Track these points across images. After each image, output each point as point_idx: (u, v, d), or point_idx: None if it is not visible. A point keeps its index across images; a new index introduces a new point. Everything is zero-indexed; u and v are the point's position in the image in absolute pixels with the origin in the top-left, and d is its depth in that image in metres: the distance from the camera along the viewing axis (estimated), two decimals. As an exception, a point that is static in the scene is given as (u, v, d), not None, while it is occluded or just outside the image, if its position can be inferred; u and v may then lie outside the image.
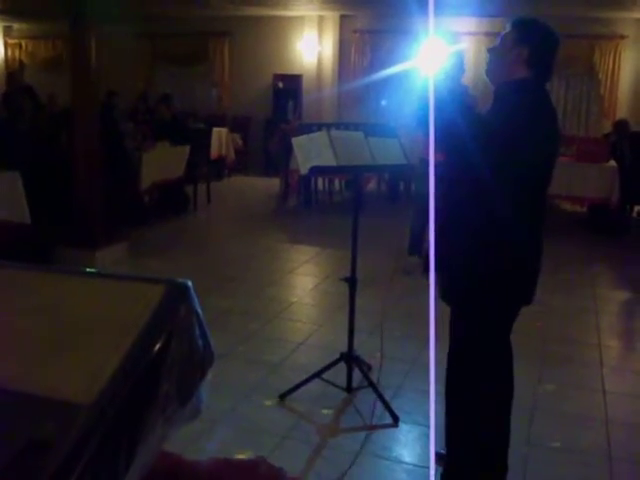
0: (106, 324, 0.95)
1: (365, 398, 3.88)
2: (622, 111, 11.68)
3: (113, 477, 0.84)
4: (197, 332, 1.00)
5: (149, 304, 0.94)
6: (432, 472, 2.75)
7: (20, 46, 15.62)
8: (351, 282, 3.91)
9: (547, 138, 2.67)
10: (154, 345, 0.90)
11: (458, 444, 2.91)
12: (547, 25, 2.77)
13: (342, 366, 3.96)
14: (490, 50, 2.81)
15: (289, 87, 13.21)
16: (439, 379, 2.95)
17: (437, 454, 3.27)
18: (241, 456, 3.10)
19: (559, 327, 5.19)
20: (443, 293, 2.83)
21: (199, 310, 0.98)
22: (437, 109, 1.95)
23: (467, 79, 2.79)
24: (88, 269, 1.08)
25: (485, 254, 2.68)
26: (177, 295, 0.97)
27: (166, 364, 0.91)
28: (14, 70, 14.57)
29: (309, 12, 12.69)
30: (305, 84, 13.17)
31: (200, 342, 1.00)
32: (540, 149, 2.60)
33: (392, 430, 3.61)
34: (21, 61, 15.65)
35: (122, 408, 0.85)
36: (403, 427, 3.60)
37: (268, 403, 3.87)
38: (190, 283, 0.97)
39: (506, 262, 2.67)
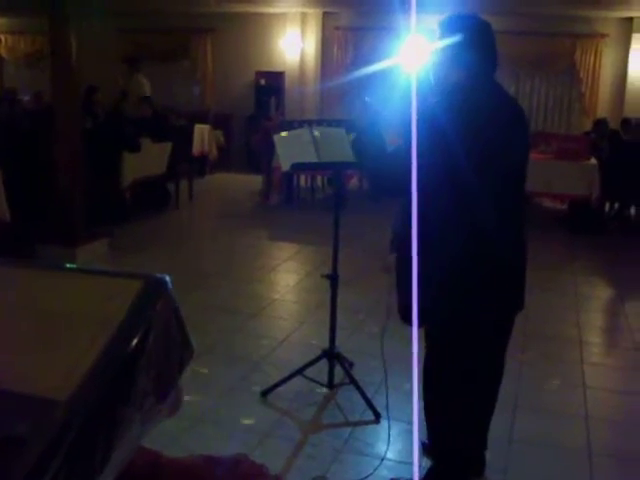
0: (82, 319, 0.94)
1: (347, 395, 3.89)
2: (603, 109, 11.77)
3: (89, 474, 0.82)
4: (175, 327, 0.98)
5: (126, 299, 0.93)
6: (416, 469, 2.75)
7: (0, 41, 15.47)
8: (333, 279, 3.91)
9: (510, 128, 2.58)
10: (131, 340, 0.88)
11: (438, 441, 2.91)
12: (472, 19, 2.69)
13: (324, 363, 3.96)
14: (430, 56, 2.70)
15: (271, 84, 13.18)
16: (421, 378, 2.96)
17: (424, 444, 3.28)
18: (222, 453, 3.09)
19: (540, 324, 5.21)
20: (424, 316, 2.72)
21: (177, 305, 0.97)
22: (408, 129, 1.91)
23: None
24: (65, 264, 1.07)
25: (471, 262, 2.57)
26: (155, 290, 0.96)
27: (143, 359, 0.89)
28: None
29: (292, 9, 12.67)
30: (287, 81, 13.15)
31: (178, 337, 0.99)
32: (509, 139, 2.53)
33: (374, 427, 3.62)
34: (0, 56, 15.51)
35: (98, 404, 0.84)
36: (385, 423, 3.61)
37: (250, 400, 3.86)
38: (168, 278, 0.96)
39: (495, 267, 2.60)
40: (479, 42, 2.64)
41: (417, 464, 3.15)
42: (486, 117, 2.54)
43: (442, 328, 2.71)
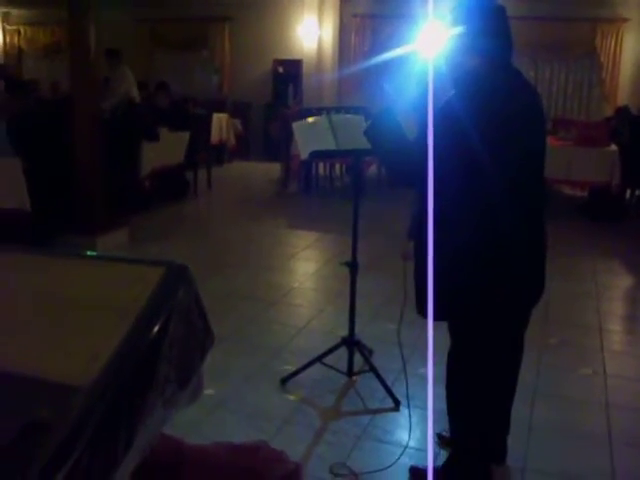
0: (105, 306, 0.95)
1: (366, 382, 3.89)
2: (623, 95, 11.64)
3: (112, 459, 0.83)
4: (196, 314, 0.99)
5: (148, 286, 0.94)
6: (430, 455, 2.75)
7: (19, 32, 15.56)
8: (352, 267, 3.90)
9: (525, 115, 2.52)
10: (153, 327, 0.89)
11: (460, 429, 2.91)
12: (486, 3, 2.61)
13: (344, 350, 3.97)
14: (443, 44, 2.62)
15: (289, 72, 13.16)
16: (439, 363, 2.95)
17: (438, 435, 3.29)
18: (243, 440, 3.11)
19: (559, 311, 5.18)
20: (441, 312, 2.68)
21: (198, 292, 0.98)
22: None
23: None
24: (88, 252, 1.07)
25: (488, 248, 2.53)
26: (176, 277, 0.96)
27: (165, 346, 0.90)
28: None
29: (309, -4, 12.64)
30: (305, 69, 13.12)
31: (199, 324, 1.00)
32: (524, 125, 2.48)
33: (393, 414, 3.62)
34: (20, 48, 15.60)
35: (121, 390, 0.85)
36: (404, 411, 3.61)
37: (270, 387, 3.88)
38: (188, 265, 0.96)
39: (503, 258, 2.54)
40: (494, 27, 2.58)
41: (431, 451, 3.17)
42: (500, 104, 2.49)
43: (469, 319, 2.68)
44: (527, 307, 2.77)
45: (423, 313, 2.64)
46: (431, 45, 2.57)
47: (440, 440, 3.27)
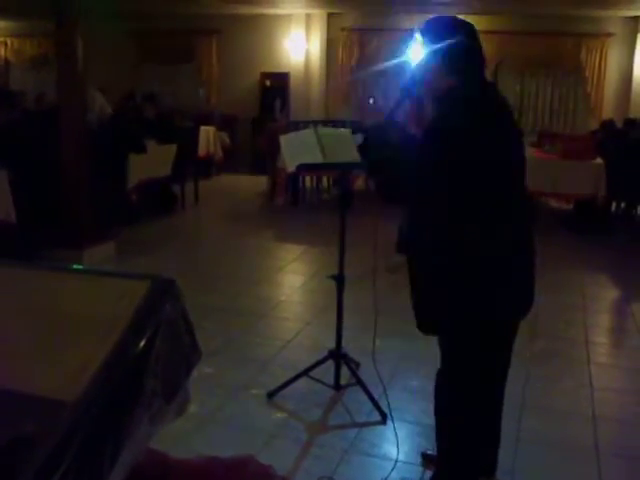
0: (91, 320, 0.94)
1: (353, 396, 3.88)
2: (608, 108, 11.75)
3: (98, 474, 0.83)
4: (183, 328, 0.99)
5: (134, 300, 0.94)
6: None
7: (6, 44, 15.52)
8: (339, 280, 3.90)
9: (483, 143, 2.48)
10: (139, 341, 0.89)
11: (448, 445, 2.90)
12: (454, 23, 2.60)
13: (330, 364, 3.96)
14: (413, 66, 2.64)
15: (276, 85, 13.20)
16: (427, 377, 2.95)
17: (422, 455, 3.28)
18: (229, 454, 3.09)
19: (546, 324, 5.20)
20: (424, 327, 2.67)
21: (185, 306, 0.97)
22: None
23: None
24: (72, 266, 1.07)
25: (461, 269, 2.51)
26: (162, 291, 0.96)
27: (151, 360, 0.90)
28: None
29: (296, 10, 12.68)
30: (292, 82, 13.16)
31: (186, 338, 1.00)
32: (475, 157, 2.44)
33: (381, 428, 3.61)
34: (7, 59, 15.57)
35: (107, 405, 0.85)
36: (391, 424, 3.60)
37: (256, 401, 3.86)
38: (175, 279, 0.96)
39: (501, 269, 2.55)
40: (468, 46, 2.57)
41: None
42: (478, 120, 2.50)
43: (457, 334, 2.68)
44: (514, 322, 2.77)
45: (420, 328, 2.65)
46: (416, 59, 2.59)
47: (424, 459, 3.26)
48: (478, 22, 11.81)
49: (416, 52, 2.59)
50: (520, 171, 2.66)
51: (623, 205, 9.32)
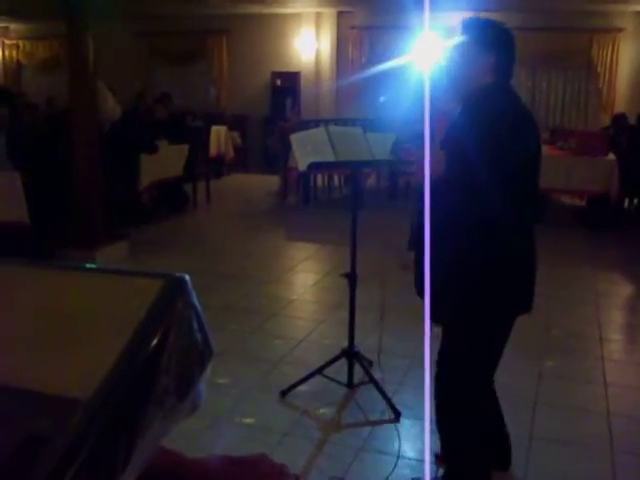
0: (103, 319, 0.95)
1: (366, 394, 3.88)
2: (620, 104, 11.68)
3: (111, 472, 0.83)
4: (195, 326, 0.99)
5: (146, 298, 0.94)
6: (427, 466, 2.74)
7: (17, 47, 15.61)
8: (351, 278, 3.90)
9: (531, 135, 2.60)
10: (152, 339, 0.89)
11: (454, 441, 2.89)
12: (501, 25, 2.69)
13: (343, 362, 3.96)
14: (450, 60, 2.68)
15: (287, 84, 13.21)
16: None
17: (436, 455, 3.26)
18: (243, 453, 3.10)
19: (560, 320, 5.18)
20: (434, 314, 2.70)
21: (197, 304, 0.98)
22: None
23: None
24: (85, 265, 1.07)
25: (474, 256, 2.57)
26: (174, 289, 0.96)
27: (164, 358, 0.90)
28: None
29: (306, 9, 12.69)
30: (303, 81, 13.17)
31: (199, 336, 1.00)
32: (528, 147, 2.54)
33: (394, 426, 3.61)
34: (19, 61, 15.66)
35: (120, 403, 0.85)
36: (405, 422, 3.60)
37: (270, 400, 3.87)
38: (187, 277, 0.96)
39: (497, 265, 2.58)
40: (512, 51, 2.66)
41: (428, 462, 3.15)
42: (522, 115, 2.59)
43: (461, 321, 2.69)
44: (514, 316, 2.76)
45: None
46: (429, 56, 2.59)
47: (437, 460, 3.24)
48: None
49: (455, 50, 2.63)
50: (538, 168, 2.71)
51: (636, 201, 9.28)
